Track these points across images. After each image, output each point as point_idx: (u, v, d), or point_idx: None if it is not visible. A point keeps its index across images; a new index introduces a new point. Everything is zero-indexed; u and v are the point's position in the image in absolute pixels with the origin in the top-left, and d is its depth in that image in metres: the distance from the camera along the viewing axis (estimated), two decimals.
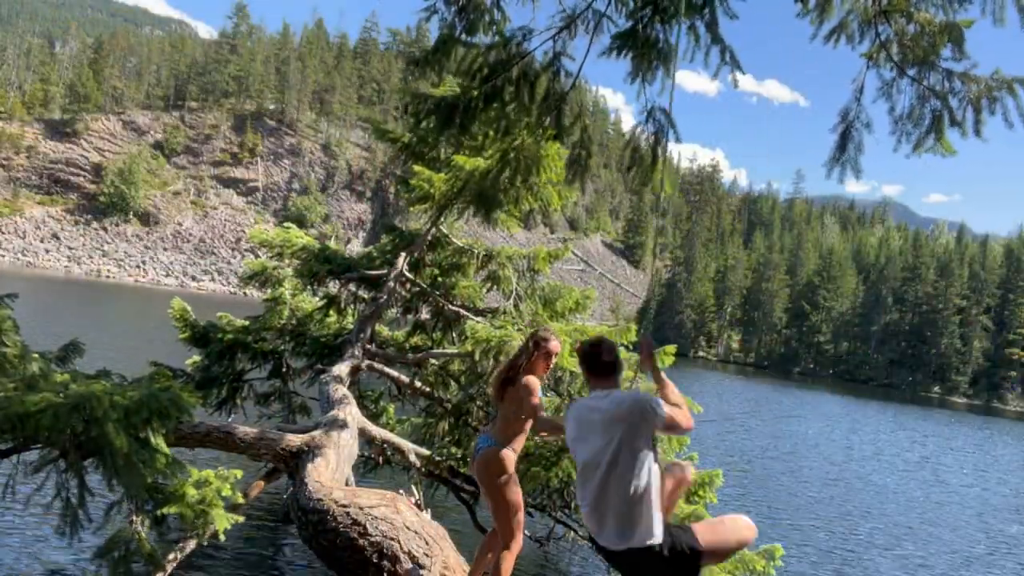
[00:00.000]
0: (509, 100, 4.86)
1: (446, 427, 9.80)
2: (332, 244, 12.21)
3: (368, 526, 4.85)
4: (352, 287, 10.67)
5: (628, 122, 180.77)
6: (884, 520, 16.56)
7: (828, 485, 19.76)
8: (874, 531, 15.37)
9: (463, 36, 4.98)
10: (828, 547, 13.51)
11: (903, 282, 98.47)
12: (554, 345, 4.33)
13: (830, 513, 16.35)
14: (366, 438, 7.96)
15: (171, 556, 5.89)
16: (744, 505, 15.56)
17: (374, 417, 10.51)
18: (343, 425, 7.00)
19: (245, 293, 69.32)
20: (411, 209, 10.74)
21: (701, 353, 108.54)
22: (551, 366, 4.35)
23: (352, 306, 10.89)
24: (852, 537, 14.56)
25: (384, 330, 11.49)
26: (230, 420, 10.04)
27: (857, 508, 17.34)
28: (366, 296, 10.62)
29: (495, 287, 10.84)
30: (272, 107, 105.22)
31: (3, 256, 76.29)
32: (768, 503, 16.27)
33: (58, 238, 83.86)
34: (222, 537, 5.67)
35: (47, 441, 4.69)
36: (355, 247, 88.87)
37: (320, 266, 10.37)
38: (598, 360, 3.48)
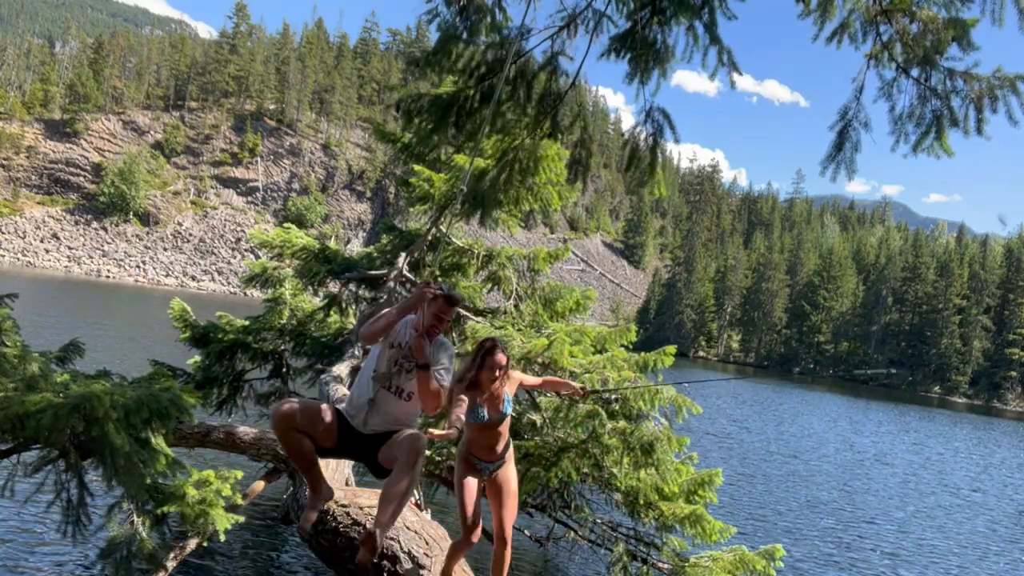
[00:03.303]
0: (505, 99, 4.86)
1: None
2: (332, 244, 12.21)
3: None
4: (352, 287, 10.67)
5: (628, 122, 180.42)
6: (885, 521, 16.56)
7: (829, 485, 19.76)
8: (875, 532, 15.37)
9: (464, 36, 4.98)
10: (829, 547, 13.51)
11: (903, 282, 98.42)
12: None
13: (830, 513, 16.35)
14: None
15: (171, 556, 5.89)
16: (744, 505, 15.56)
17: None
18: None
19: (245, 293, 69.32)
20: (411, 209, 10.75)
21: (701, 353, 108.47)
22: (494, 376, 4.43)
23: (352, 306, 10.89)
24: (853, 538, 14.56)
25: None
26: (230, 420, 10.05)
27: (858, 508, 17.34)
28: (366, 296, 10.62)
29: (495, 287, 10.84)
30: (272, 107, 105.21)
31: (3, 256, 76.29)
32: (768, 503, 16.26)
33: (58, 238, 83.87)
34: (222, 537, 5.67)
35: (47, 441, 4.69)
36: (355, 247, 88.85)
37: (320, 266, 10.38)
38: None
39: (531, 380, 4.94)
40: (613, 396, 4.96)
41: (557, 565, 10.20)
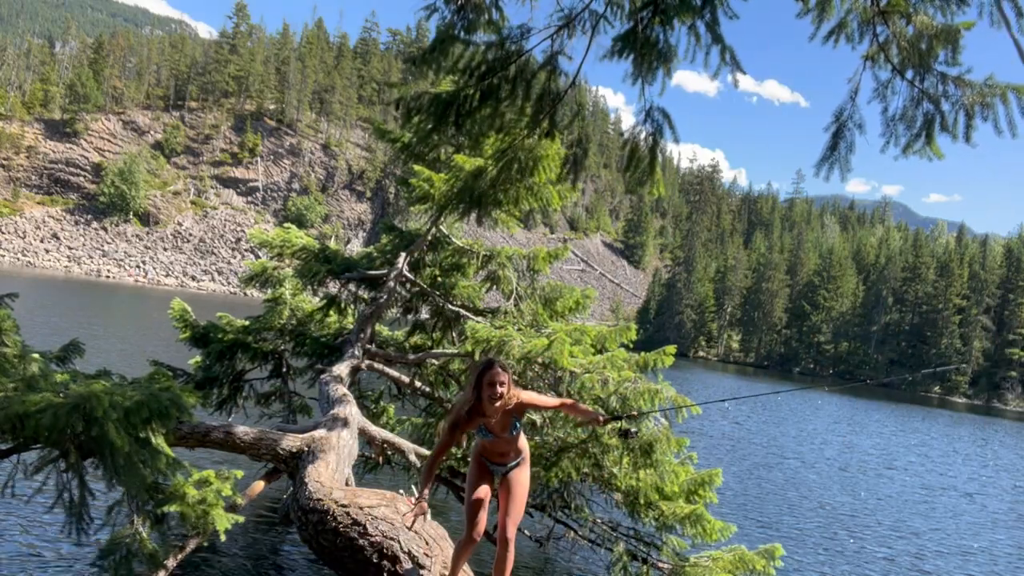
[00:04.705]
0: (504, 98, 4.87)
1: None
2: (332, 244, 12.22)
3: (368, 526, 4.86)
4: (352, 287, 10.68)
5: (628, 122, 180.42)
6: (886, 521, 16.56)
7: (829, 485, 19.77)
8: (876, 532, 15.38)
9: (462, 35, 5.00)
10: (829, 547, 13.51)
11: (903, 282, 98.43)
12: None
13: (831, 513, 16.35)
14: (366, 438, 7.97)
15: (171, 556, 5.89)
16: (744, 505, 15.56)
17: (374, 417, 10.52)
18: (343, 425, 7.01)
19: (245, 293, 69.36)
20: (411, 209, 10.76)
21: (701, 353, 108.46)
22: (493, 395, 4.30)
23: (352, 306, 10.91)
24: (854, 537, 14.57)
25: (384, 330, 11.50)
26: (230, 420, 10.05)
27: (859, 508, 17.34)
28: (366, 296, 10.63)
29: (495, 287, 10.85)
30: (272, 107, 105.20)
31: (3, 256, 76.29)
32: (768, 503, 16.27)
33: (58, 238, 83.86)
34: (222, 537, 5.67)
35: (47, 441, 4.70)
36: (355, 247, 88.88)
37: (320, 266, 10.39)
38: None
39: (548, 402, 4.76)
40: (633, 432, 4.84)
41: (557, 565, 10.20)
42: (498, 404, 4.24)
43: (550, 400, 4.82)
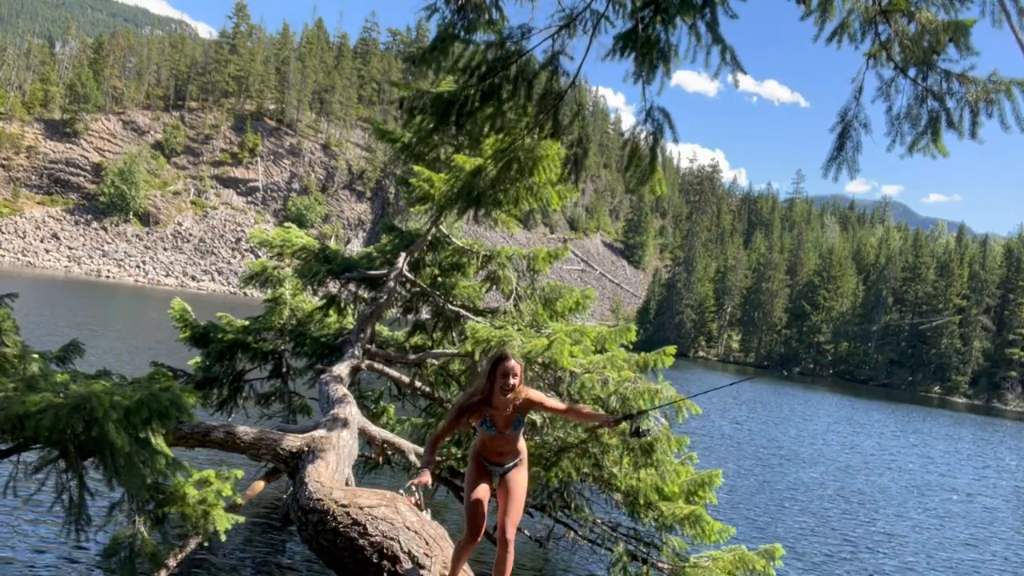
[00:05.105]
0: (506, 98, 4.87)
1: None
2: (332, 244, 12.22)
3: (368, 526, 4.85)
4: (352, 287, 10.68)
5: (628, 122, 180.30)
6: (886, 522, 16.55)
7: (829, 485, 19.76)
8: (876, 532, 15.37)
9: (462, 34, 5.00)
10: (829, 547, 13.50)
11: (903, 282, 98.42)
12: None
13: (831, 513, 16.35)
14: (366, 438, 7.96)
15: (172, 556, 5.89)
16: (744, 505, 15.56)
17: (374, 417, 10.51)
18: (343, 425, 7.01)
19: (245, 293, 69.29)
20: (411, 209, 10.75)
21: (701, 353, 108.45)
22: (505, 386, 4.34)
23: (352, 306, 10.90)
24: (853, 537, 14.56)
25: (384, 330, 11.49)
26: (231, 420, 10.04)
27: (858, 509, 17.34)
28: (366, 296, 10.62)
29: (495, 287, 10.85)
30: (272, 107, 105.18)
31: (3, 256, 76.28)
32: (768, 503, 16.26)
33: (58, 238, 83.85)
34: (223, 537, 5.67)
35: (47, 441, 4.69)
36: (355, 247, 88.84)
37: (320, 266, 10.38)
38: None
39: (555, 404, 4.77)
40: (644, 430, 4.87)
41: (557, 565, 10.20)
42: (509, 396, 4.29)
43: (558, 404, 4.83)
